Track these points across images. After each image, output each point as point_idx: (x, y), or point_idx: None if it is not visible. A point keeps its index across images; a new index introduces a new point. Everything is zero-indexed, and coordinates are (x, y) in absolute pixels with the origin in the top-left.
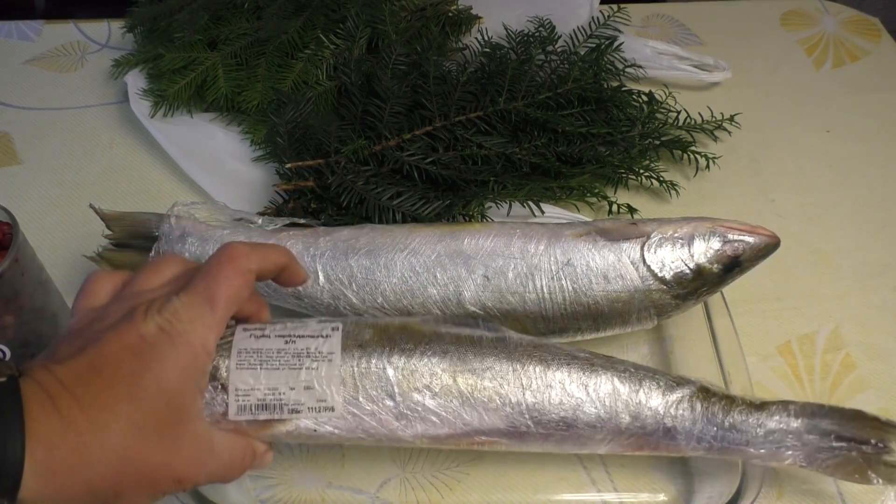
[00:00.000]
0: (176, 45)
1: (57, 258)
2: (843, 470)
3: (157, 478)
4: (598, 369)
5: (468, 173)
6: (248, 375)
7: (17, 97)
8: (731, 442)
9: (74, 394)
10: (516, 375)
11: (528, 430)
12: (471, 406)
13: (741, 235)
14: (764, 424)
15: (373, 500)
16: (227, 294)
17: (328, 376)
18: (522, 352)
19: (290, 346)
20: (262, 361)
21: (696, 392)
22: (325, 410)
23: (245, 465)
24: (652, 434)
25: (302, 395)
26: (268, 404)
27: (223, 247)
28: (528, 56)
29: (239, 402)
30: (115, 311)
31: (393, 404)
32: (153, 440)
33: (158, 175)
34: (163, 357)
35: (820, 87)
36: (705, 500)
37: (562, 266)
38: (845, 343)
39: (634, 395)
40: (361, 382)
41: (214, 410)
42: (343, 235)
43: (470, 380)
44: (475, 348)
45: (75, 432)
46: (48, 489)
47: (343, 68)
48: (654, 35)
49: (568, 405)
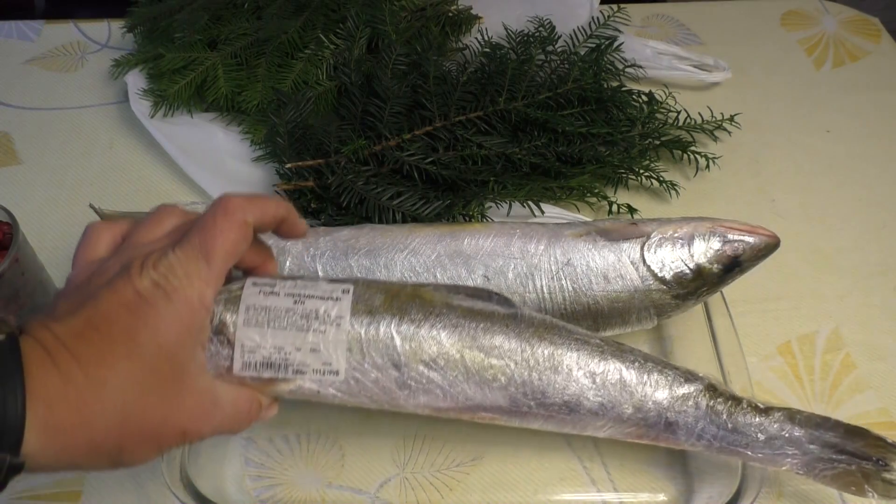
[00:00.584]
0: (176, 45)
1: (57, 258)
2: (840, 481)
3: (160, 432)
4: (608, 357)
5: (468, 173)
6: (255, 333)
7: (17, 97)
8: (731, 443)
9: (73, 351)
10: (524, 356)
11: (530, 410)
12: (475, 382)
13: (741, 235)
14: (766, 430)
15: (373, 500)
16: (223, 247)
17: (335, 340)
18: (533, 332)
19: (299, 306)
20: (269, 320)
21: (704, 390)
22: (330, 374)
23: (251, 416)
24: (653, 426)
25: (308, 356)
26: (273, 363)
27: (219, 199)
28: (528, 56)
29: (244, 359)
30: (113, 265)
31: (398, 374)
32: (154, 395)
33: (158, 175)
34: (159, 313)
35: (820, 87)
36: (705, 500)
37: (562, 266)
38: (845, 343)
39: (641, 386)
40: (368, 349)
41: (219, 364)
42: (343, 235)
43: (477, 356)
44: (486, 323)
45: (75, 389)
46: (51, 445)
47: (343, 68)
48: (654, 35)
49: (573, 391)
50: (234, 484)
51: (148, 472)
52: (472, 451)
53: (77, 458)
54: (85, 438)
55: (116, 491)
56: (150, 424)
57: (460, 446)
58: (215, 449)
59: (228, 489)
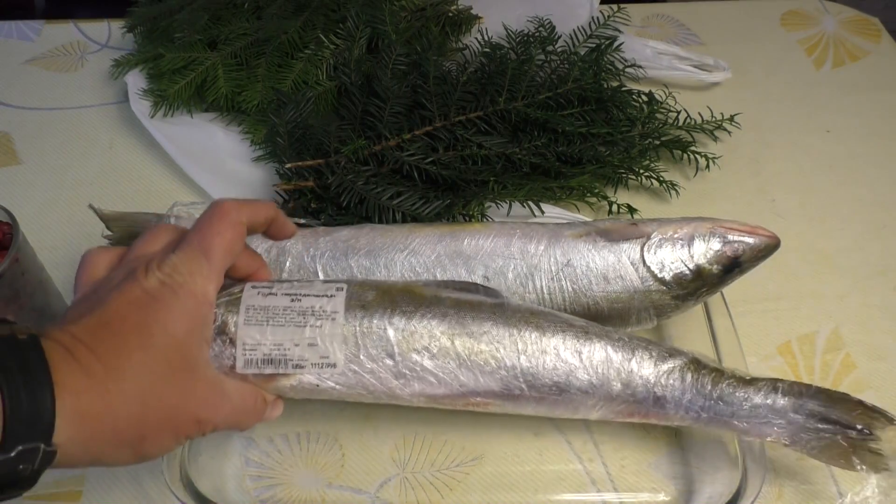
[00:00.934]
0: (176, 45)
1: (57, 258)
2: (827, 453)
3: (178, 420)
4: (593, 337)
5: (468, 173)
6: (255, 331)
7: (17, 97)
8: (717, 413)
9: (90, 346)
10: (512, 340)
11: (522, 392)
12: (467, 368)
13: (741, 236)
14: (750, 398)
15: (373, 500)
16: (220, 245)
17: (331, 334)
18: (520, 318)
19: (296, 304)
20: (268, 318)
21: (688, 363)
22: (328, 367)
23: (259, 411)
24: (642, 402)
25: (306, 351)
26: (273, 359)
27: (213, 203)
28: (528, 56)
29: (246, 356)
30: (117, 274)
31: (392, 363)
32: (168, 384)
33: (158, 175)
34: (168, 307)
35: (820, 87)
36: (705, 500)
37: (562, 267)
38: (845, 343)
39: (627, 363)
40: (363, 341)
41: (223, 363)
42: (343, 235)
43: (467, 342)
44: (474, 312)
45: (96, 379)
46: (79, 433)
47: (343, 68)
48: (654, 35)
49: (561, 370)
50: (234, 484)
51: (148, 472)
52: (472, 451)
53: (103, 448)
54: (110, 426)
55: (116, 491)
56: (167, 412)
57: (460, 446)
58: (215, 449)
59: (228, 489)
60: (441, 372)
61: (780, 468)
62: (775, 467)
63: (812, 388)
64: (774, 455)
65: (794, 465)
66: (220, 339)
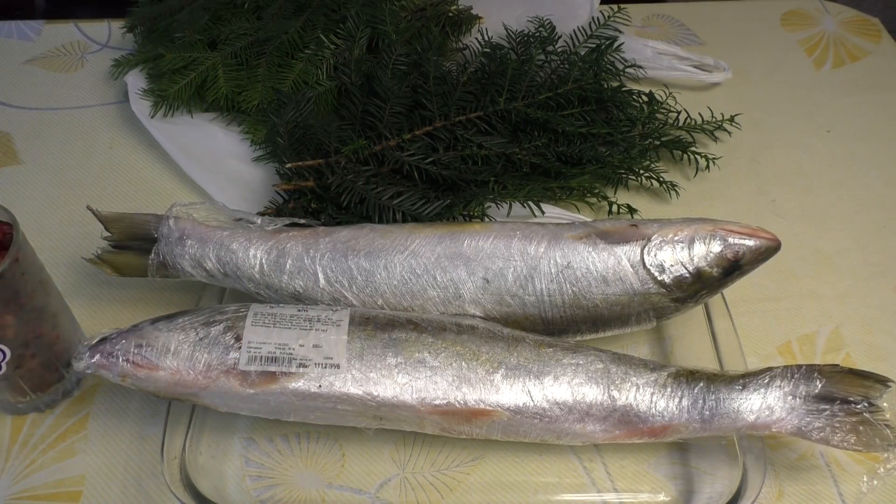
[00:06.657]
0: (176, 45)
1: (57, 258)
2: (839, 435)
3: None
4: (591, 353)
5: (468, 173)
6: (261, 331)
7: (17, 97)
8: (717, 413)
9: None
10: (511, 353)
11: (525, 405)
12: (467, 381)
13: (741, 238)
14: (747, 391)
15: (373, 500)
16: None
17: (337, 339)
18: (518, 336)
19: (303, 313)
20: (275, 322)
21: (676, 373)
22: (331, 367)
23: None
24: (642, 414)
25: (310, 352)
26: (277, 357)
27: None
28: (528, 56)
29: (250, 353)
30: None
31: (396, 370)
32: None
33: (158, 175)
34: None
35: (820, 87)
36: (705, 500)
37: (562, 269)
38: (845, 343)
39: (624, 375)
40: (367, 345)
41: (229, 363)
42: (343, 236)
43: (467, 355)
44: (472, 334)
45: None
46: None
47: (343, 68)
48: (654, 35)
49: (560, 393)
50: (234, 484)
51: (148, 472)
52: (472, 451)
53: None
54: None
55: (116, 491)
56: None
57: (460, 446)
58: (215, 449)
59: (228, 489)
60: (442, 379)
61: (780, 468)
62: (775, 467)
63: (803, 368)
64: (774, 455)
65: (794, 465)
66: (225, 339)
